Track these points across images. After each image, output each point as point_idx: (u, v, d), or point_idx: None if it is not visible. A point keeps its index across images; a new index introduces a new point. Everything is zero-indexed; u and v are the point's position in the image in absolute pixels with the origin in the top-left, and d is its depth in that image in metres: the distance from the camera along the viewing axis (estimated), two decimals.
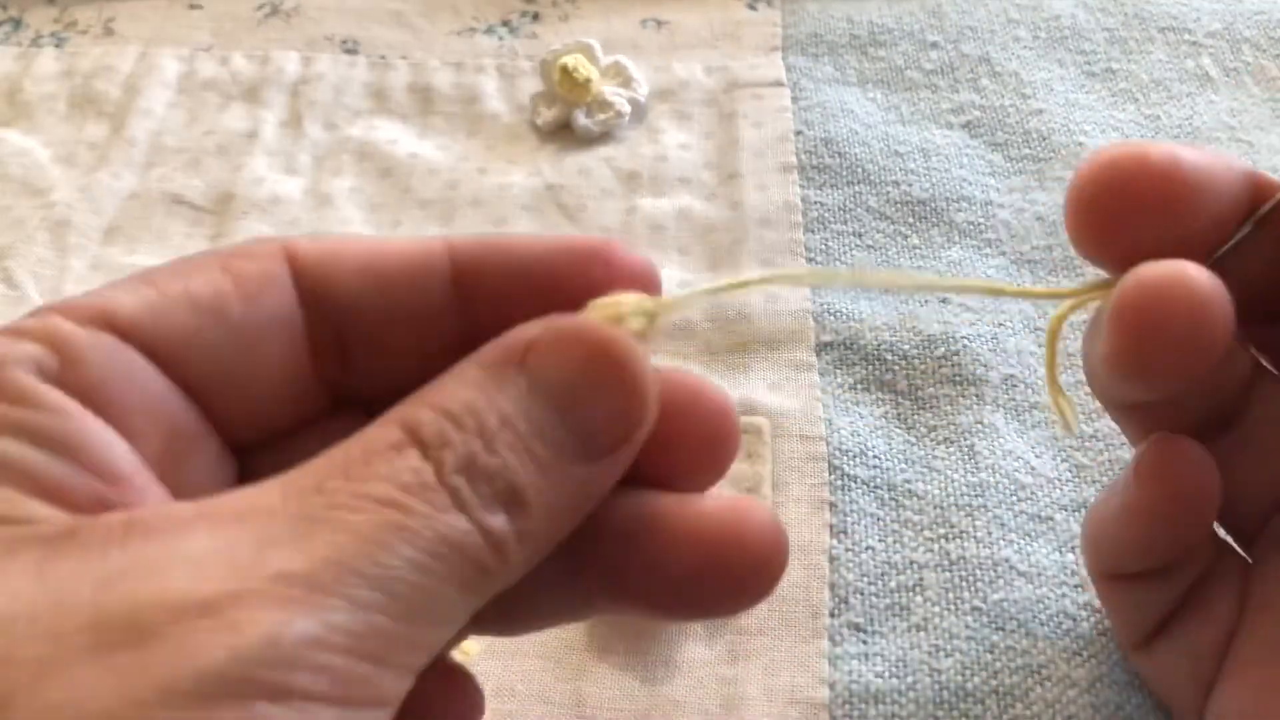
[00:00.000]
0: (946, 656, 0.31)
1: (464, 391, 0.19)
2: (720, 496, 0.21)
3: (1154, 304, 0.21)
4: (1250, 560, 0.28)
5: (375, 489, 0.17)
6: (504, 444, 0.18)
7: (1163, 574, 0.27)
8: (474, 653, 0.32)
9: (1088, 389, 0.26)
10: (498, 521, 0.18)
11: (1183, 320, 0.21)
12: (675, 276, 0.43)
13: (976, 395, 0.38)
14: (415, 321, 0.22)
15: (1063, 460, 0.36)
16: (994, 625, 0.32)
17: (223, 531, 0.17)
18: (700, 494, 0.21)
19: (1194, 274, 0.21)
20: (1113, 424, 0.37)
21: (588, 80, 0.48)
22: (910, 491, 0.36)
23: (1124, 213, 0.23)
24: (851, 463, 0.36)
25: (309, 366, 0.22)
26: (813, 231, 0.44)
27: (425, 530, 0.17)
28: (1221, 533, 0.28)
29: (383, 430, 0.19)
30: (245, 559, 0.16)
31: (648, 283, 0.22)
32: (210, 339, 0.20)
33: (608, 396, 0.19)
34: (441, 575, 0.17)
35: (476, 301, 0.21)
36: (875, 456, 0.37)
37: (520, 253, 0.22)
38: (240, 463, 0.22)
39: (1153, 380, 0.22)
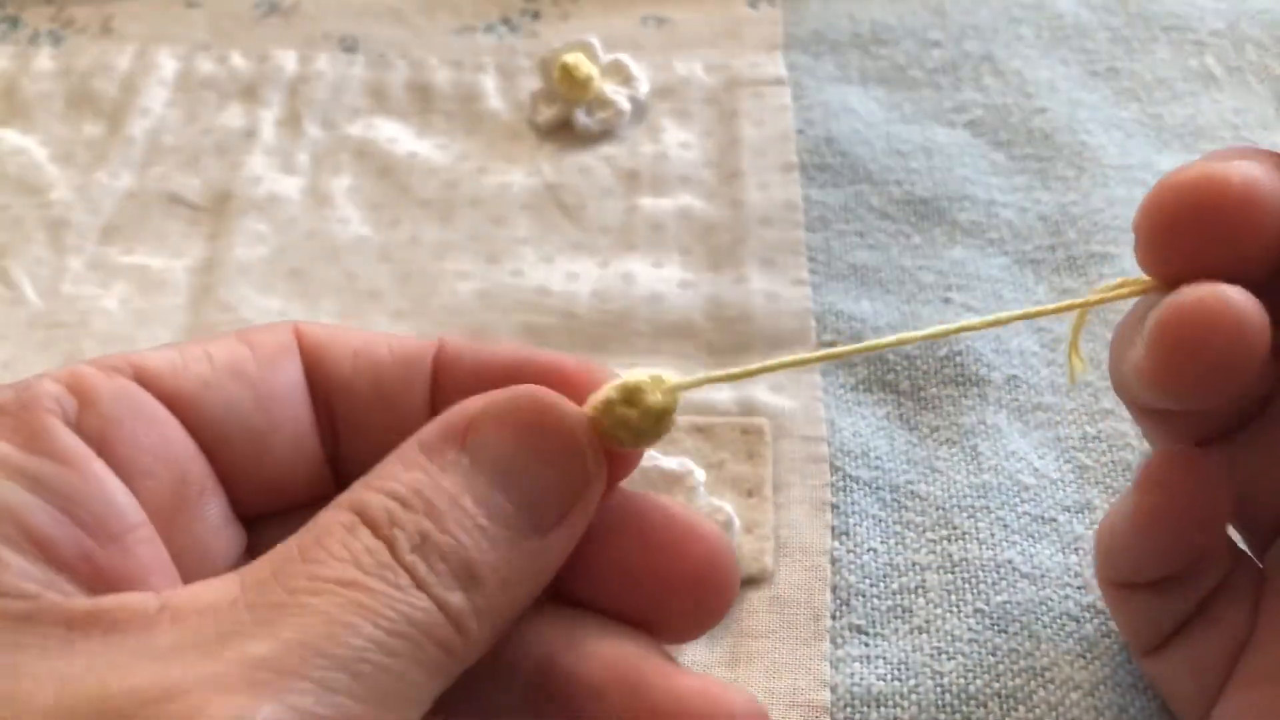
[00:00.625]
0: (949, 659, 0.31)
1: (408, 474, 0.19)
2: (698, 677, 0.20)
3: (1194, 327, 0.22)
4: (1263, 569, 0.27)
5: (333, 570, 0.18)
6: (454, 522, 0.19)
7: (1172, 583, 0.27)
8: None
9: (1089, 387, 0.26)
10: (456, 599, 0.18)
11: (1221, 344, 0.22)
12: (676, 276, 0.42)
13: (979, 396, 0.38)
14: (398, 411, 0.22)
15: (1066, 461, 0.36)
16: (997, 627, 0.32)
17: (186, 624, 0.17)
18: (677, 671, 0.21)
19: (1236, 298, 0.22)
20: (1116, 426, 0.37)
21: (588, 78, 0.48)
22: (912, 493, 0.35)
23: (1200, 238, 0.23)
24: (853, 464, 0.36)
25: (316, 439, 0.22)
26: (814, 231, 0.44)
27: (387, 610, 0.17)
28: (1239, 540, 0.28)
29: (334, 514, 0.19)
30: (210, 647, 0.16)
31: None
32: (227, 393, 0.21)
33: (546, 467, 0.20)
34: (406, 655, 0.17)
35: (450, 397, 0.22)
36: (877, 457, 0.36)
37: (498, 356, 0.22)
38: (250, 535, 0.22)
39: (1186, 398, 0.23)
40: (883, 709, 0.30)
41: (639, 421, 0.21)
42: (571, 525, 0.20)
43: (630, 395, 0.21)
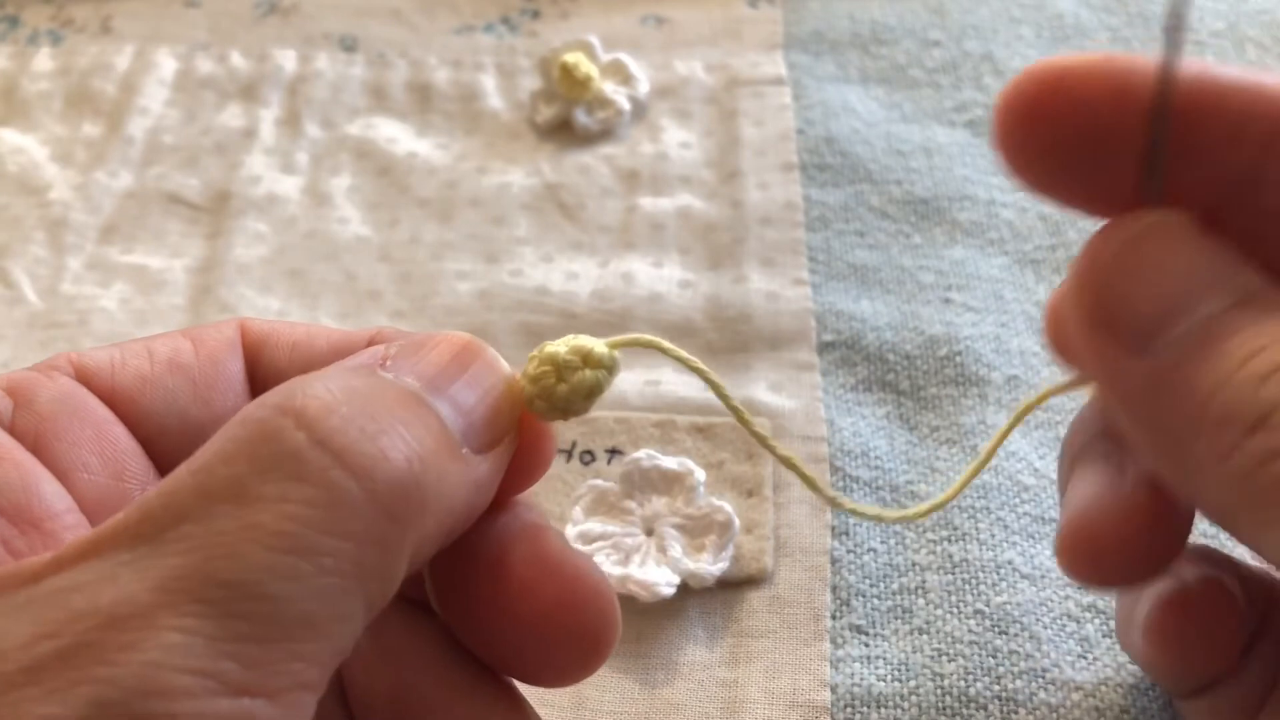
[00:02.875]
0: (949, 660, 0.31)
1: (341, 379, 0.19)
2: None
3: (1181, 622, 0.26)
4: None
5: (226, 489, 0.17)
6: (379, 432, 0.18)
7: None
8: None
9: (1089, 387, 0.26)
10: (373, 515, 0.18)
11: (1208, 635, 0.26)
12: (676, 275, 0.42)
13: (979, 396, 0.38)
14: None
15: None
16: (997, 628, 0.32)
17: (75, 567, 0.17)
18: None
19: (1227, 584, 0.26)
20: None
21: (588, 78, 0.48)
22: (912, 493, 0.35)
23: (1049, 121, 0.22)
24: (853, 464, 0.36)
25: None
26: (814, 230, 0.44)
27: (291, 528, 0.17)
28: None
29: (232, 429, 0.18)
30: (96, 584, 0.16)
31: None
32: (165, 388, 0.22)
33: (477, 388, 0.21)
34: (310, 578, 0.17)
35: None
36: (877, 457, 0.36)
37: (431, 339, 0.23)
38: None
39: (1190, 669, 0.27)
40: (883, 710, 0.30)
41: (567, 395, 0.22)
42: (498, 459, 0.21)
43: (561, 368, 0.22)
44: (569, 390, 0.22)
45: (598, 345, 0.22)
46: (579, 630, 0.21)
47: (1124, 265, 0.21)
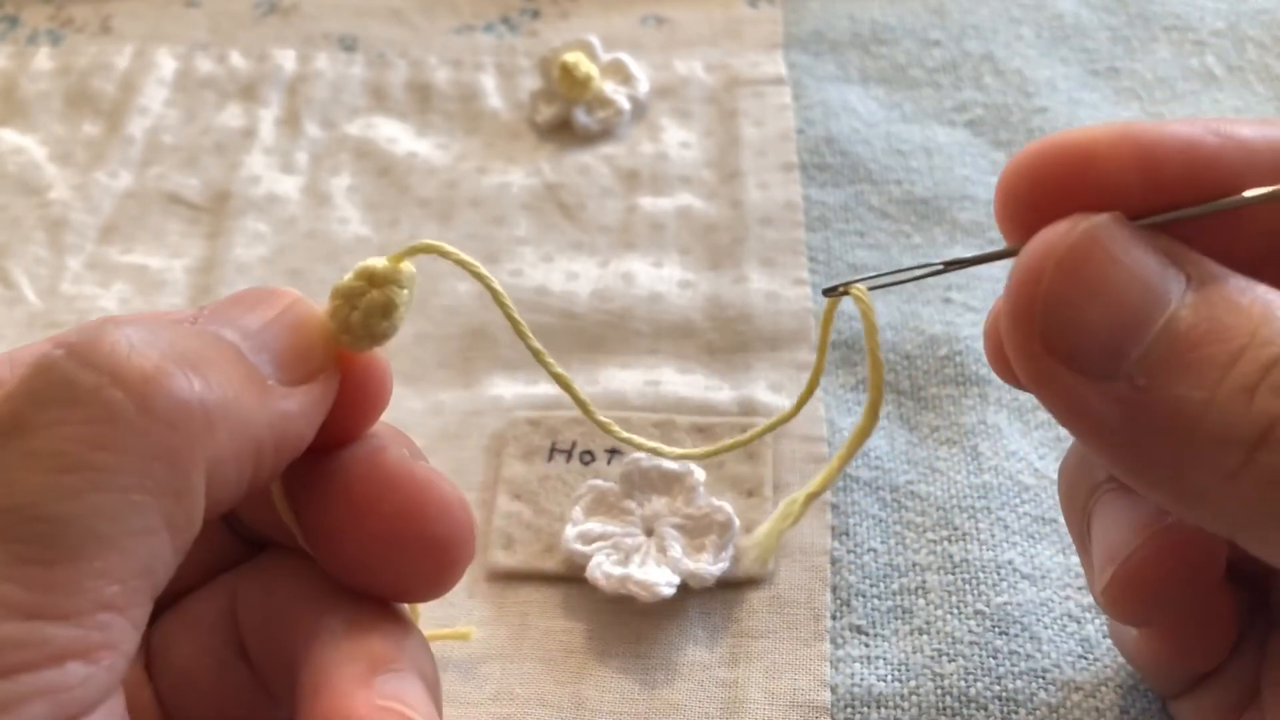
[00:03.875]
0: (949, 660, 0.31)
1: (131, 320, 0.20)
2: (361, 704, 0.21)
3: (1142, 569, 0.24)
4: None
5: None
6: (161, 351, 0.19)
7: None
8: (474, 637, 0.32)
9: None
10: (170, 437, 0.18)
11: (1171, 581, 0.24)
12: (676, 275, 0.42)
13: (980, 396, 0.38)
14: None
15: None
16: (997, 629, 0.32)
17: None
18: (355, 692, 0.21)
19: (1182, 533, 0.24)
20: None
21: (588, 77, 0.48)
22: (913, 493, 0.35)
23: (1046, 196, 0.22)
24: (854, 464, 0.36)
25: None
26: (814, 230, 0.44)
27: (76, 446, 0.17)
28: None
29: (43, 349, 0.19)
30: None
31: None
32: None
33: (278, 321, 0.21)
34: (103, 485, 0.17)
35: None
36: (877, 457, 0.36)
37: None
38: None
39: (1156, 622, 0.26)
40: (883, 710, 0.30)
41: (364, 320, 0.22)
42: (314, 393, 0.21)
43: (350, 296, 0.22)
44: (363, 315, 0.22)
45: (380, 263, 0.23)
46: (422, 537, 0.22)
47: (1065, 289, 0.20)
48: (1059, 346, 0.20)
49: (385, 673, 0.21)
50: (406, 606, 0.24)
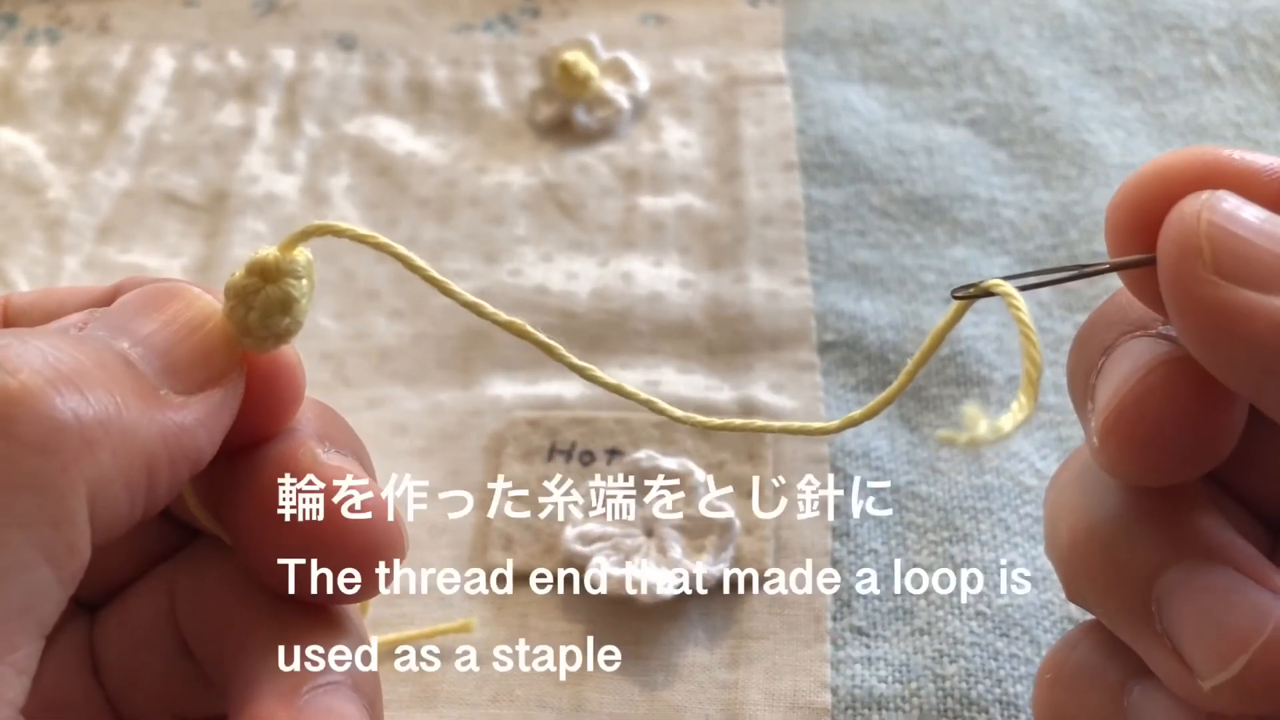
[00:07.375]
0: (950, 662, 0.31)
1: (10, 337, 0.18)
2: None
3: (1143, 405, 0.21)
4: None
5: None
6: (32, 369, 0.17)
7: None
8: (475, 628, 0.32)
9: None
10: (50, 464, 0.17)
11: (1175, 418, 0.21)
12: (676, 275, 0.42)
13: (981, 396, 0.38)
14: None
15: None
16: (998, 631, 0.32)
17: None
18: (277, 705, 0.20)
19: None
20: None
21: (587, 76, 0.48)
22: (914, 494, 0.35)
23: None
24: (854, 464, 0.36)
25: None
26: (815, 230, 0.44)
27: None
28: None
29: None
30: None
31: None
32: None
33: (176, 328, 0.20)
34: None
35: None
36: (878, 457, 0.36)
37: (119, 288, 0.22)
38: None
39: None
40: (884, 712, 0.30)
41: (262, 320, 0.20)
42: (215, 400, 0.20)
43: (244, 295, 0.20)
44: (260, 314, 0.20)
45: (271, 253, 0.21)
46: (339, 539, 0.20)
47: (1225, 222, 0.20)
48: (1227, 268, 0.19)
49: (314, 687, 0.19)
50: (353, 606, 0.22)
